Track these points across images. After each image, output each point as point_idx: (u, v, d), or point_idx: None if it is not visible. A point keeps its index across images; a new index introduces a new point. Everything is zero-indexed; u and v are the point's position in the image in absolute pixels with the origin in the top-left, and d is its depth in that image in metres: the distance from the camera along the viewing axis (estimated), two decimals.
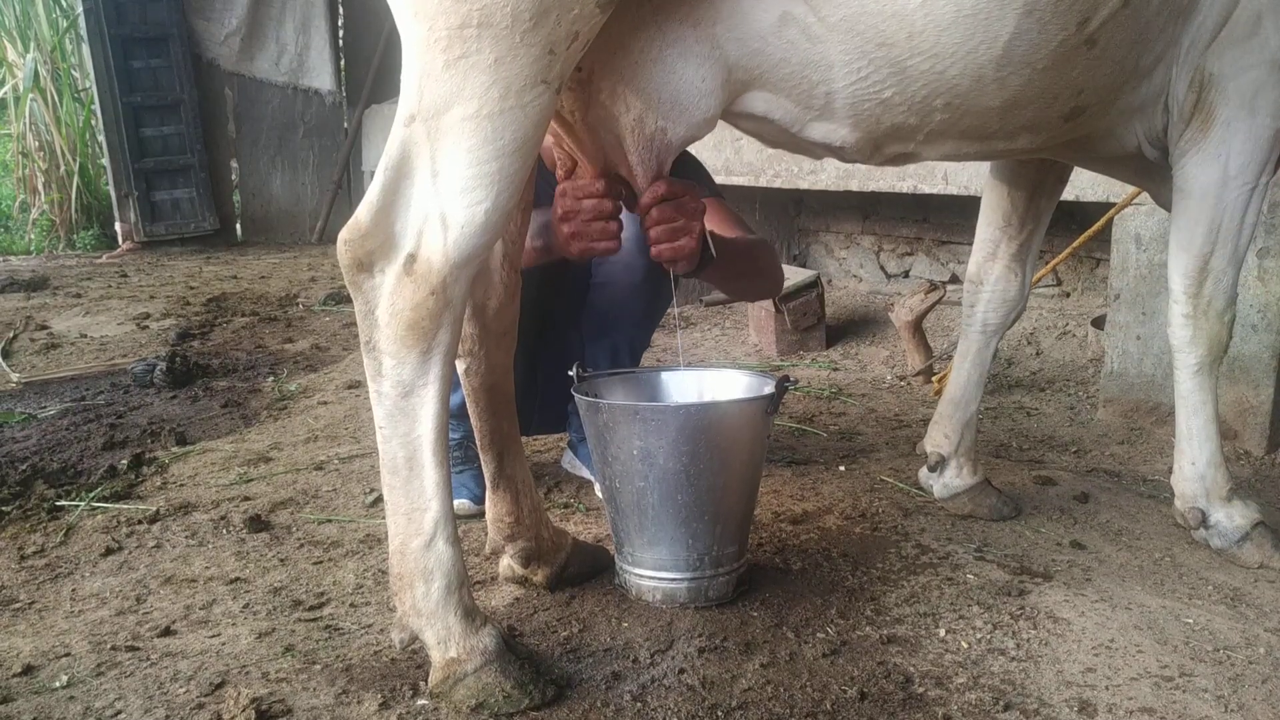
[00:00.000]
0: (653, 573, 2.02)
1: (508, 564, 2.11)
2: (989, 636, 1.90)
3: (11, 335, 5.02)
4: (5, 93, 9.41)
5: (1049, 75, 1.75)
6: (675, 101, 1.70)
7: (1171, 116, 2.01)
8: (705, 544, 2.00)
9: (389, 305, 1.56)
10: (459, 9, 1.41)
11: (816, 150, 1.88)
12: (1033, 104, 1.80)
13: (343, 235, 1.57)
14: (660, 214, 1.93)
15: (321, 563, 2.32)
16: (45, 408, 3.73)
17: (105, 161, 8.61)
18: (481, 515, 2.55)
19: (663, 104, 1.70)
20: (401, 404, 1.60)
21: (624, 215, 2.49)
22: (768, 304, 4.56)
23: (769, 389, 2.05)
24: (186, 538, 2.48)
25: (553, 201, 2.29)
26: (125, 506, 2.69)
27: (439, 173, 1.50)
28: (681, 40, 1.66)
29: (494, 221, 1.54)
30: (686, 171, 2.59)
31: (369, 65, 9.07)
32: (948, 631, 1.92)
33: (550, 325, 2.73)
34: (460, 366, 1.92)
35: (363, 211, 1.55)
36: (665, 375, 2.32)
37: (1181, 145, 2.03)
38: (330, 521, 2.57)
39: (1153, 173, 2.21)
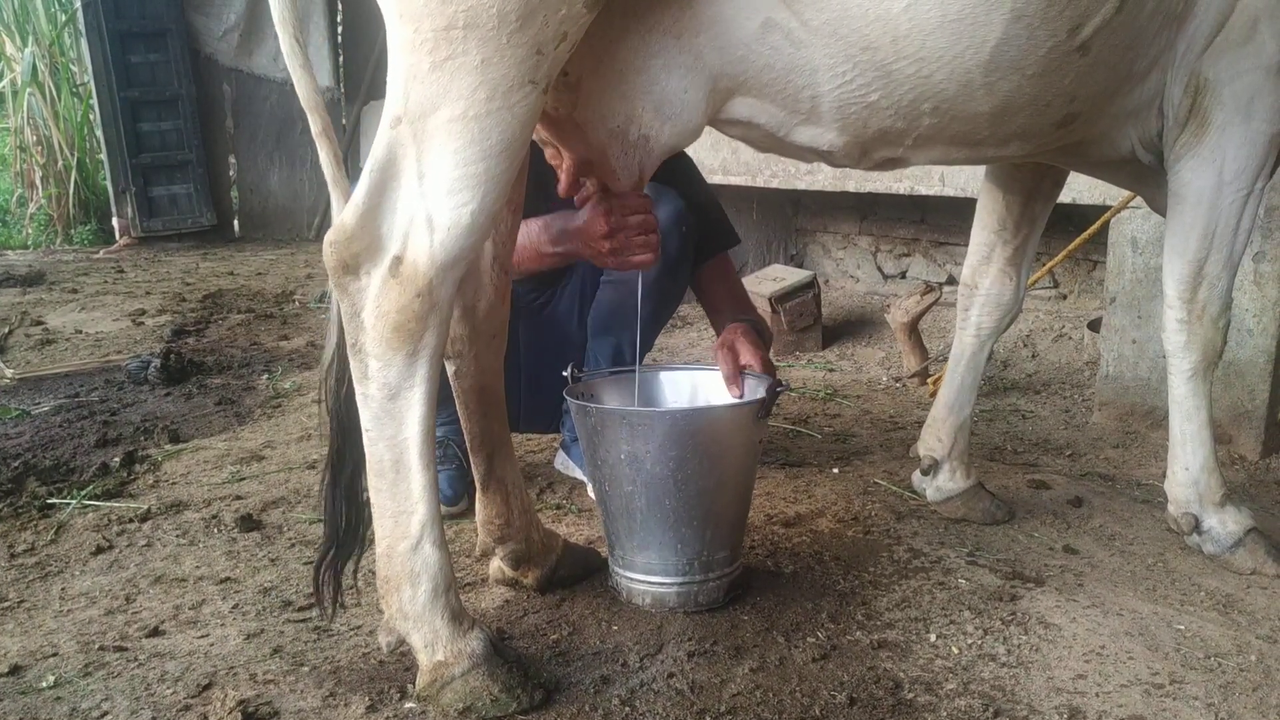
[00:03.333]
0: (643, 576, 2.02)
1: (498, 566, 2.11)
2: (980, 642, 1.90)
3: (6, 331, 5.01)
4: (3, 87, 9.39)
5: (1040, 82, 1.73)
6: (659, 110, 1.70)
7: (1166, 121, 2.00)
8: (694, 549, 1.99)
9: (375, 307, 1.55)
10: (445, 10, 1.40)
11: (805, 154, 1.87)
12: (1024, 111, 1.79)
13: (329, 237, 1.56)
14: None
15: (312, 563, 2.31)
16: (39, 404, 3.72)
17: (103, 156, 8.59)
18: (453, 517, 2.55)
19: (646, 112, 1.69)
20: (388, 406, 1.59)
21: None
22: (764, 304, 4.56)
23: (762, 391, 2.04)
24: (177, 537, 2.48)
25: (548, 203, 2.30)
26: (117, 505, 2.68)
27: (425, 174, 1.49)
28: (665, 51, 1.65)
29: (480, 223, 1.53)
30: (677, 180, 2.60)
31: (368, 62, 9.06)
32: (938, 637, 1.92)
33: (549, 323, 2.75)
34: (450, 368, 1.92)
35: (348, 213, 1.54)
36: (662, 374, 2.30)
37: (1176, 150, 2.01)
38: (322, 521, 2.56)
39: (1148, 177, 2.20)
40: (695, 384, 2.29)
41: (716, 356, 2.29)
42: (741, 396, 2.14)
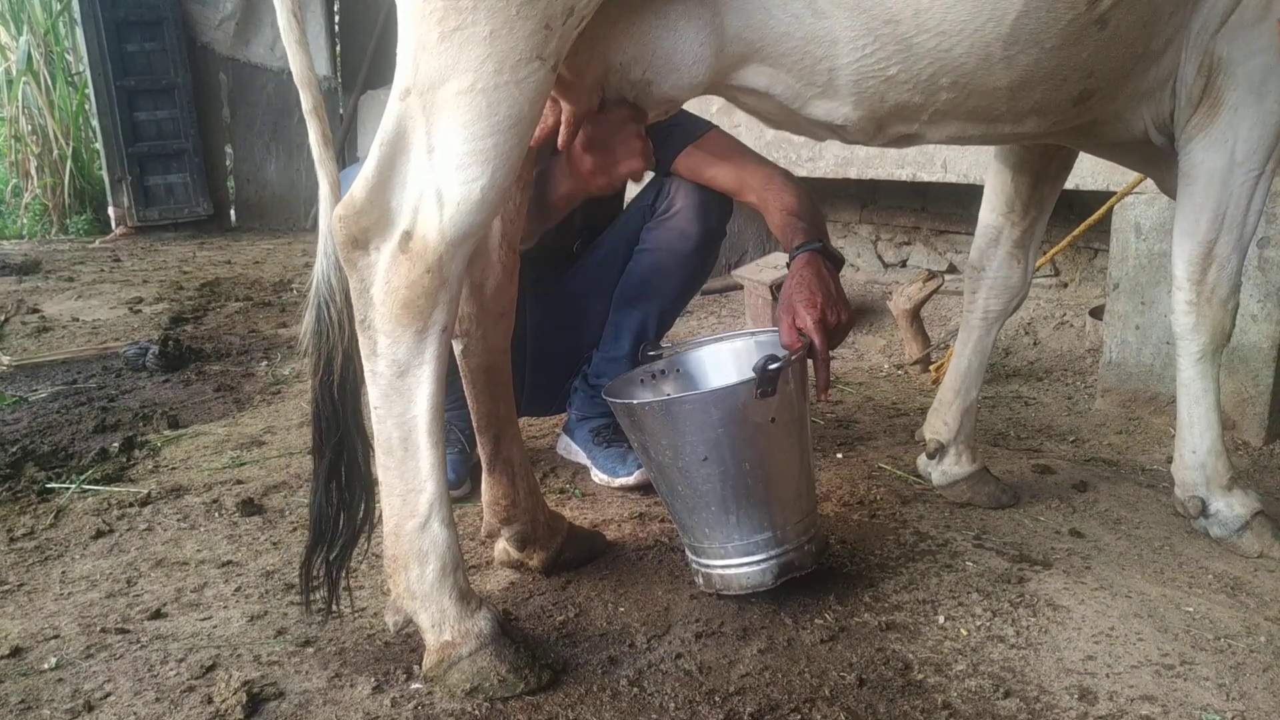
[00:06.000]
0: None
1: (503, 547, 2.10)
2: (988, 624, 1.89)
3: (3, 319, 4.98)
4: None
5: (1058, 56, 1.72)
6: (668, 58, 1.67)
7: (1179, 101, 1.98)
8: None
9: (384, 283, 1.54)
10: None
11: (818, 130, 1.85)
12: (1041, 85, 1.78)
13: (337, 212, 1.54)
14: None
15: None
16: (36, 391, 3.70)
17: (99, 146, 8.55)
18: (456, 501, 2.53)
19: (657, 58, 1.66)
20: (397, 384, 1.57)
21: (682, 184, 2.47)
22: (765, 292, 4.54)
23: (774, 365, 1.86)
24: (178, 521, 2.46)
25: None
26: (116, 489, 2.66)
27: (435, 148, 1.48)
28: (685, 1, 1.63)
29: (490, 199, 1.51)
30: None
31: (365, 51, 9.01)
32: (947, 618, 1.91)
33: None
34: (457, 347, 1.90)
35: (358, 187, 1.52)
36: (713, 348, 2.24)
37: (1188, 130, 2.00)
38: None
39: (1158, 159, 2.19)
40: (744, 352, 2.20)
41: (777, 313, 2.06)
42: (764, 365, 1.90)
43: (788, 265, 2.16)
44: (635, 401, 1.94)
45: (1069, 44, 1.71)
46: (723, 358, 2.22)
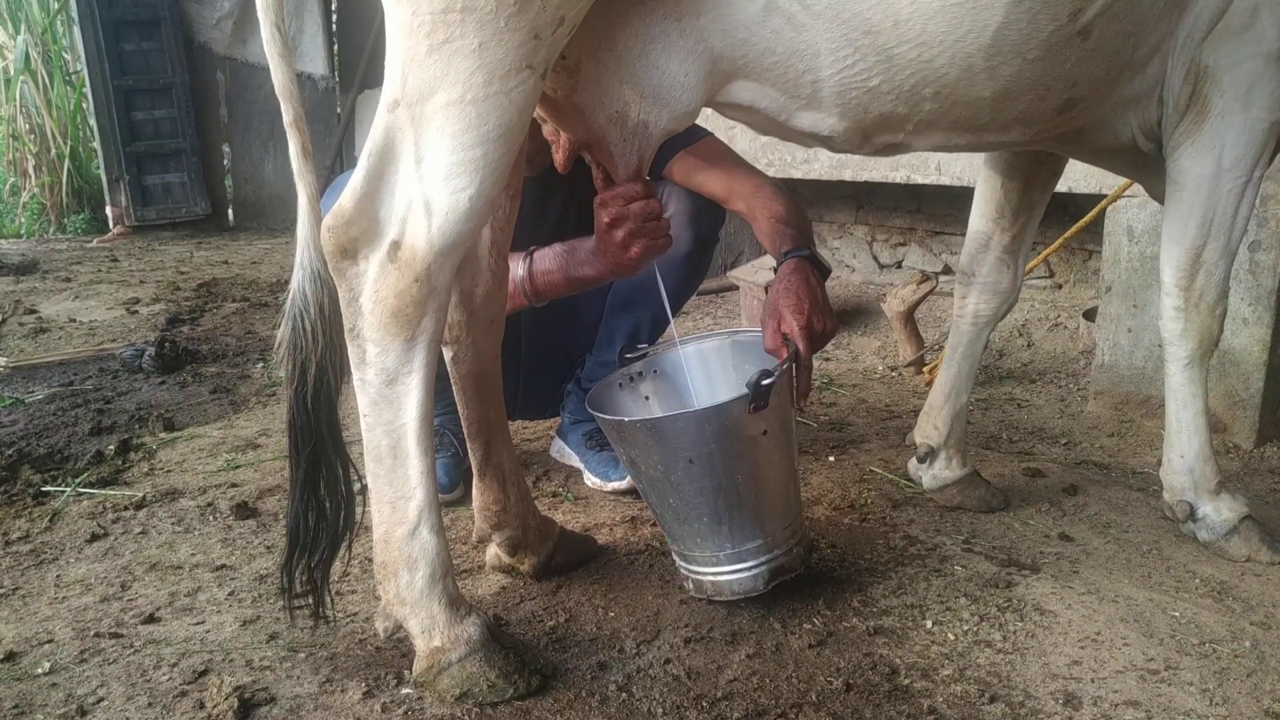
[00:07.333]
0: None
1: (494, 552, 2.11)
2: (976, 628, 1.90)
3: (0, 319, 4.99)
4: None
5: (1041, 66, 1.73)
6: (659, 95, 1.68)
7: (1166, 109, 1.99)
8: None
9: (373, 292, 1.55)
10: None
11: (805, 140, 1.86)
12: (1025, 95, 1.79)
13: (326, 222, 1.55)
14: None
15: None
16: (32, 392, 3.71)
17: (96, 145, 8.56)
18: (449, 505, 2.54)
19: (647, 97, 1.68)
20: (385, 392, 1.59)
21: (675, 190, 2.49)
22: (760, 294, 4.55)
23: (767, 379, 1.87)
24: (173, 524, 2.47)
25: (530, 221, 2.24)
26: (111, 492, 2.67)
27: (423, 159, 1.49)
28: (666, 34, 1.64)
29: (478, 208, 1.52)
30: None
31: (362, 50, 9.01)
32: (934, 623, 1.92)
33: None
34: (447, 354, 1.91)
35: (347, 198, 1.54)
36: (697, 348, 2.23)
37: (1176, 138, 2.01)
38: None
39: (1146, 165, 2.20)
40: (728, 353, 2.20)
41: (763, 317, 2.07)
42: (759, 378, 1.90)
43: (774, 270, 2.17)
44: (625, 419, 1.94)
45: (1052, 55, 1.72)
46: (701, 358, 2.22)
